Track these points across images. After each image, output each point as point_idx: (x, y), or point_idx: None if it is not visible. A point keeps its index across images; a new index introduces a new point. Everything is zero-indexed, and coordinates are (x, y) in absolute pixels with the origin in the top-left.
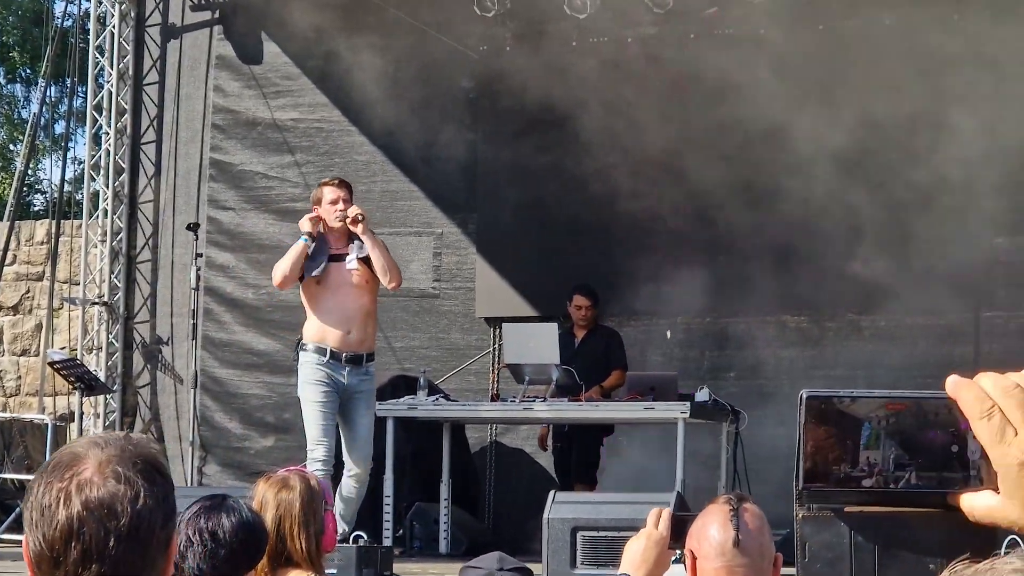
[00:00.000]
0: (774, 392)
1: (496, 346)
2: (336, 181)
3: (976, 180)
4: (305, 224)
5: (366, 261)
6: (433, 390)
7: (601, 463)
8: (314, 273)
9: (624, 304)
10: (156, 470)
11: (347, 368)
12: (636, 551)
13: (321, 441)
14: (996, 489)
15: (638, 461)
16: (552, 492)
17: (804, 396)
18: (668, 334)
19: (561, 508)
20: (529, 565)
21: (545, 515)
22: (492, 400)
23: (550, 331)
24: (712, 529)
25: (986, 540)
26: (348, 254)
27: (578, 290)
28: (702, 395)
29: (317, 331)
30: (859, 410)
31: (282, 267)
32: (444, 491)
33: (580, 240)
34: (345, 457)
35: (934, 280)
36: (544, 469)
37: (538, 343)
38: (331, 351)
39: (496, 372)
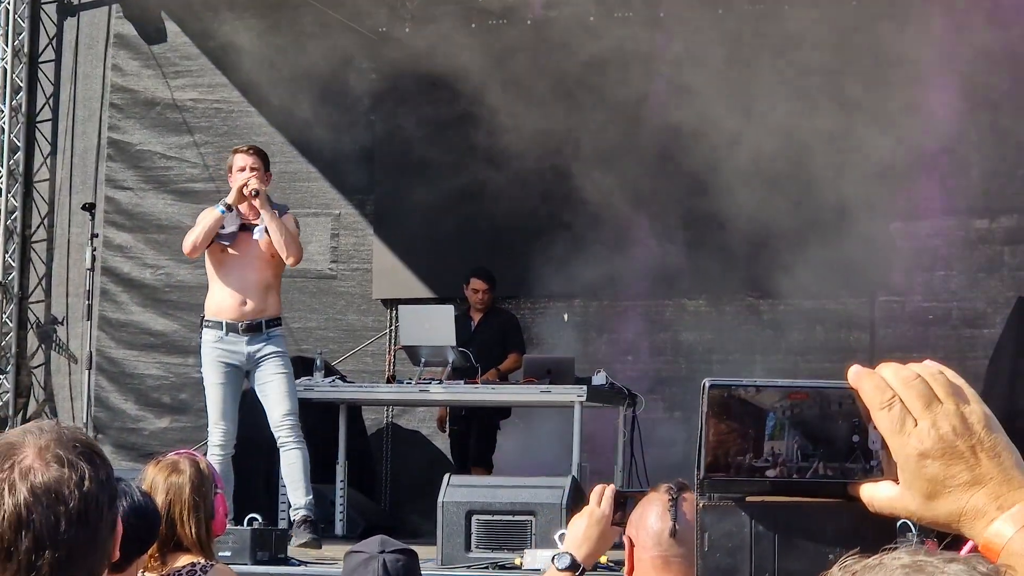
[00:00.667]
0: (672, 376)
1: (392, 328)
2: (246, 148)
3: (873, 165)
4: (232, 195)
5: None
6: (329, 371)
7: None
8: (224, 241)
9: (521, 287)
10: (95, 453)
11: (246, 337)
12: (578, 529)
13: (218, 424)
14: (896, 480)
15: (534, 445)
16: (447, 475)
17: (707, 385)
18: (565, 317)
19: (456, 491)
20: (423, 548)
21: (440, 498)
22: (388, 382)
23: (446, 313)
24: (650, 518)
25: (885, 530)
26: (257, 224)
27: (475, 273)
28: (599, 378)
29: (215, 304)
30: (762, 400)
31: (193, 235)
32: (340, 473)
33: (477, 223)
34: (272, 428)
35: (831, 265)
36: (441, 451)
37: (434, 325)
38: (227, 324)
39: (392, 354)
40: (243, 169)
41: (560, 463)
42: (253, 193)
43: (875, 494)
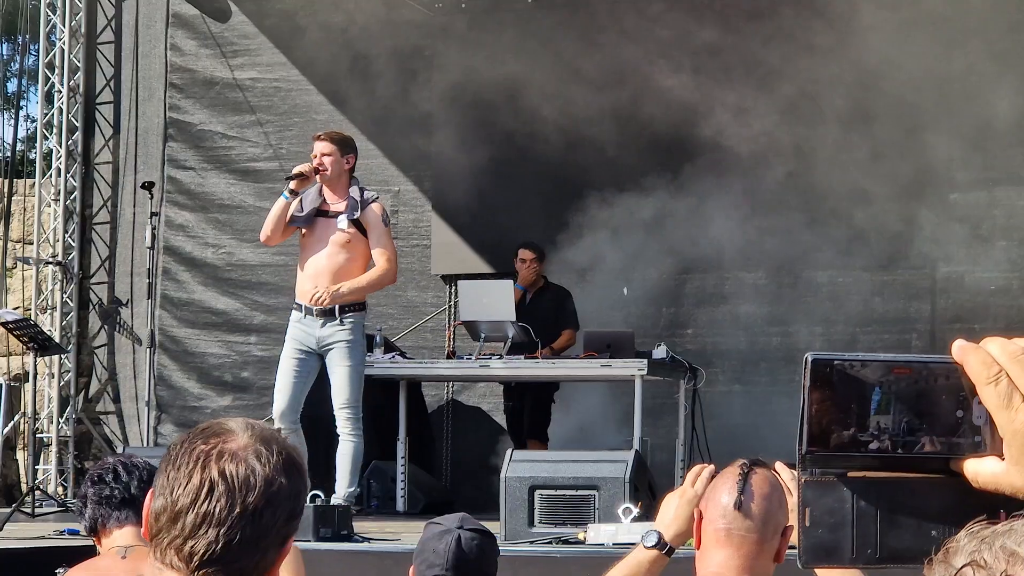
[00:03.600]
0: (732, 349)
1: (452, 303)
2: (321, 135)
3: (930, 131)
4: (293, 182)
5: (357, 224)
6: (389, 348)
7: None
8: (298, 224)
9: (582, 261)
10: (297, 470)
11: (320, 321)
12: (670, 508)
13: (276, 399)
14: (1001, 455)
15: (587, 419)
16: (509, 451)
17: (809, 359)
18: (625, 291)
19: (518, 467)
20: (487, 524)
21: (502, 474)
22: (448, 358)
23: (506, 288)
24: (721, 491)
25: (989, 507)
26: (343, 212)
27: (522, 244)
28: (660, 352)
29: (297, 286)
30: (865, 374)
31: (265, 224)
32: (401, 449)
33: (537, 198)
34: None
35: (891, 236)
36: (501, 427)
37: (494, 300)
38: (304, 307)
39: (452, 329)
40: (315, 156)
41: (610, 436)
42: (306, 174)
43: (980, 470)
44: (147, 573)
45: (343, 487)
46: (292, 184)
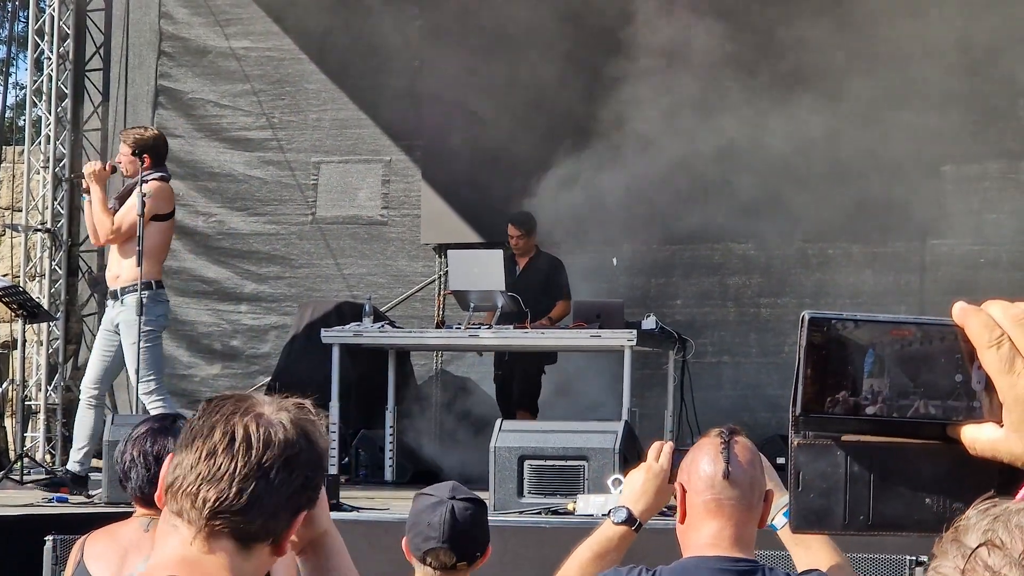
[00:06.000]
0: (720, 320)
1: (442, 274)
2: (121, 132)
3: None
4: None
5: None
6: (379, 317)
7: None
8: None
9: (570, 231)
10: (316, 444)
11: (110, 303)
12: (635, 483)
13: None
14: (1000, 422)
15: (576, 388)
16: (498, 421)
17: (806, 318)
18: (614, 261)
19: (508, 437)
20: (476, 493)
21: (492, 443)
22: (437, 327)
23: (495, 257)
24: (703, 462)
25: (984, 475)
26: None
27: (510, 219)
28: (649, 323)
29: None
30: (862, 336)
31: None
32: (389, 419)
33: (526, 168)
34: None
35: (880, 208)
36: (490, 398)
37: (483, 269)
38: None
39: (442, 299)
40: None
41: (598, 406)
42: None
43: (978, 436)
44: (159, 528)
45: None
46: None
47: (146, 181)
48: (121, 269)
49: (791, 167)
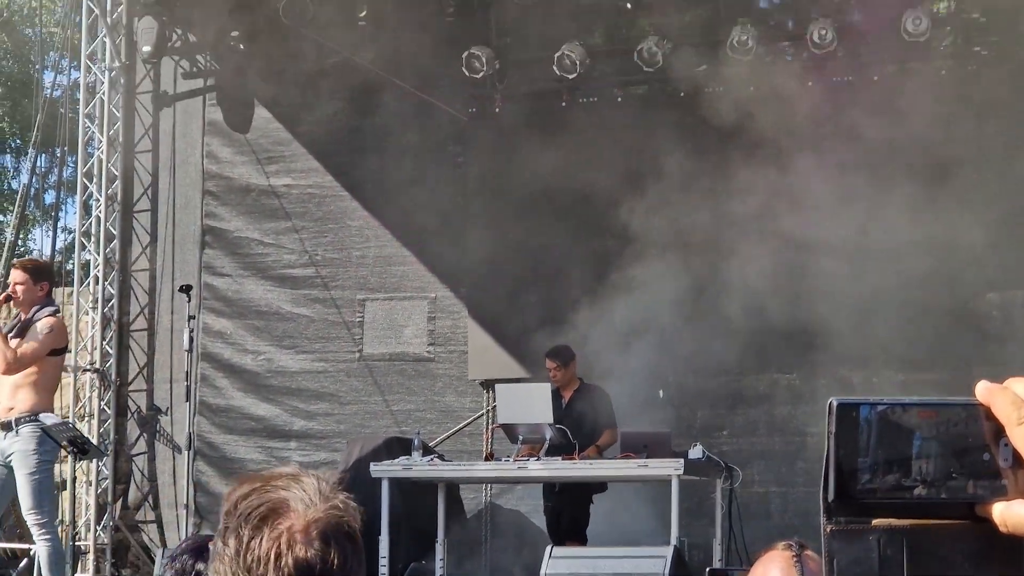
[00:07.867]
0: (767, 450)
1: (489, 408)
2: (15, 263)
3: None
4: None
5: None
6: (428, 451)
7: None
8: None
9: (617, 363)
10: (355, 542)
11: (1, 434)
12: None
13: None
14: None
15: (623, 518)
16: (548, 547)
17: (834, 404)
18: (661, 393)
19: (558, 563)
20: None
21: (542, 571)
22: (486, 460)
23: (543, 391)
24: (773, 575)
25: (1015, 552)
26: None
27: (546, 354)
28: (696, 452)
29: None
30: (890, 419)
31: None
32: (440, 551)
33: (571, 303)
34: None
35: (925, 336)
36: (540, 529)
37: (531, 403)
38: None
39: (490, 433)
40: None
41: (648, 534)
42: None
43: (1008, 514)
44: None
45: None
46: None
47: (42, 316)
48: (16, 401)
49: (836, 297)
